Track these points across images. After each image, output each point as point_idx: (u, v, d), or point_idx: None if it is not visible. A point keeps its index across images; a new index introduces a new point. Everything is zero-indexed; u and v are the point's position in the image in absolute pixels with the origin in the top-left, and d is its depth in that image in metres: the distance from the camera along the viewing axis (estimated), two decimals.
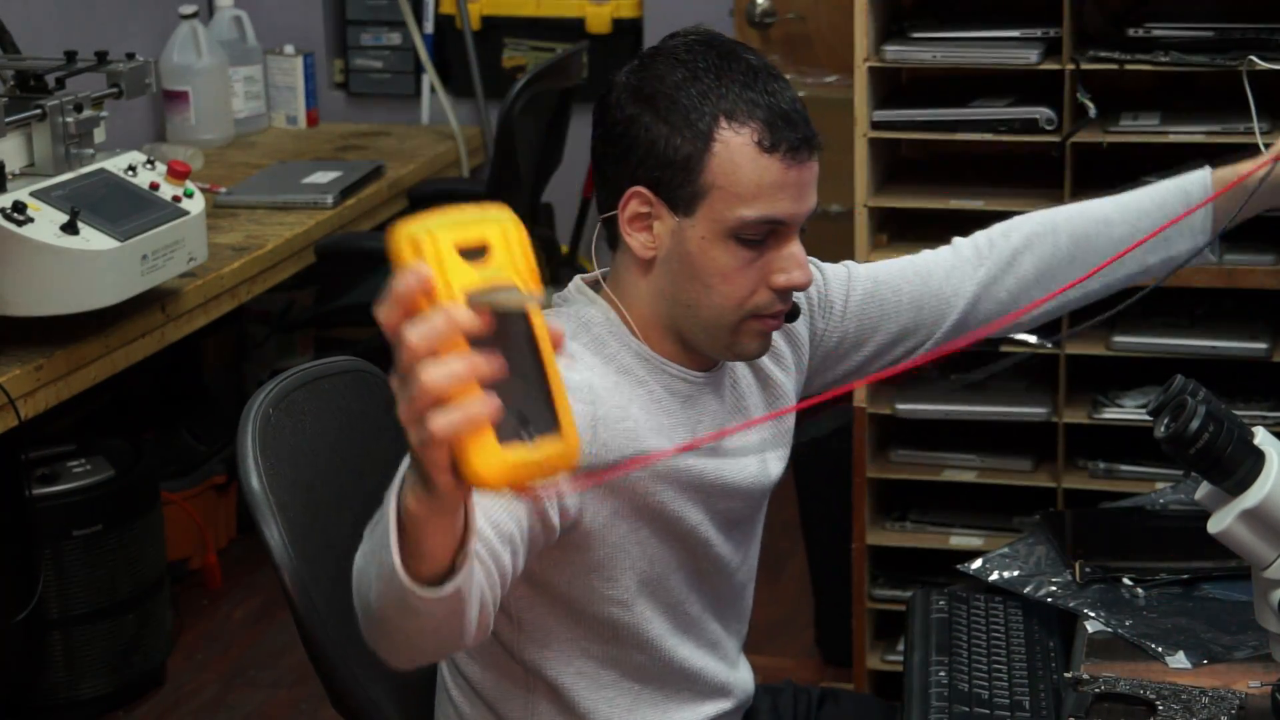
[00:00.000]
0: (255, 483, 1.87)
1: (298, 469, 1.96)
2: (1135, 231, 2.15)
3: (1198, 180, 2.18)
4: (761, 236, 1.84)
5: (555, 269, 4.22)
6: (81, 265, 2.83)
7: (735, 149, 1.81)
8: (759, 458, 2.01)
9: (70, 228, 2.82)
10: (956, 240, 2.22)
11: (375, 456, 2.10)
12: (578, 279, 1.97)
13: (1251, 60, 2.91)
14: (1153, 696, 1.94)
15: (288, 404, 1.99)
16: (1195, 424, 1.81)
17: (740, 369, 2.01)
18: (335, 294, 4.10)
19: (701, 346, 1.91)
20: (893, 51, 3.11)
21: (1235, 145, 2.98)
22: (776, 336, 1.99)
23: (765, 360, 2.02)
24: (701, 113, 1.81)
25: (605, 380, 1.86)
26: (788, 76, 4.91)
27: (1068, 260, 2.17)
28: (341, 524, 2.01)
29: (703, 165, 1.81)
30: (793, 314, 1.94)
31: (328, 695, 1.89)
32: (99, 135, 3.05)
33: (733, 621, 2.07)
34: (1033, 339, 3.12)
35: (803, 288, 1.88)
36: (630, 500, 1.87)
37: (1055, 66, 3.04)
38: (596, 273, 1.97)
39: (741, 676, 2.09)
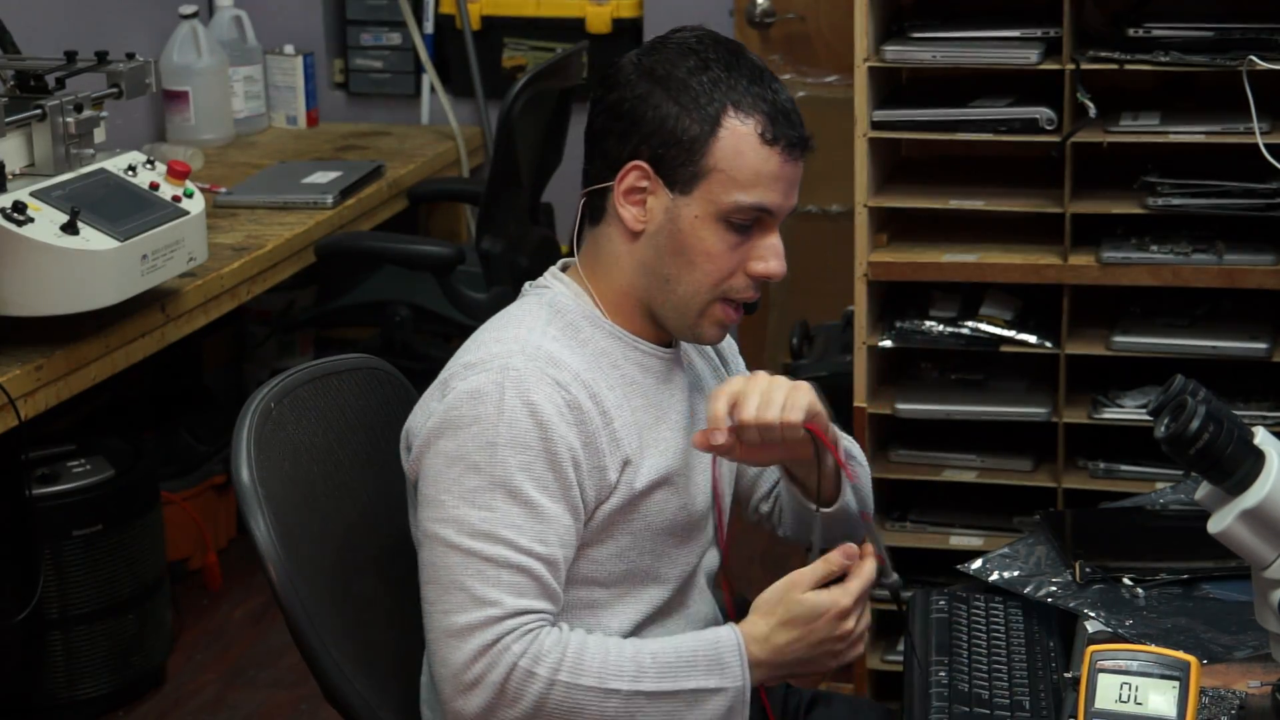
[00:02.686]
0: (245, 475, 1.88)
1: (298, 464, 1.96)
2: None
3: None
4: (749, 223, 1.94)
5: None
6: (81, 265, 2.83)
7: (740, 136, 1.91)
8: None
9: (70, 228, 2.82)
10: None
11: (380, 454, 2.10)
12: (554, 267, 2.06)
13: (1251, 60, 2.91)
14: None
15: (293, 399, 1.99)
16: (1195, 424, 1.81)
17: (691, 351, 2.10)
18: (335, 294, 4.10)
19: (667, 322, 2.00)
20: (893, 51, 3.11)
21: (1234, 145, 2.99)
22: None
23: (717, 347, 2.14)
24: (711, 98, 1.92)
25: (584, 365, 1.94)
26: (787, 77, 4.93)
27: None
28: (341, 520, 2.01)
29: (707, 147, 1.91)
30: (751, 306, 2.04)
31: (320, 688, 1.89)
32: (99, 135, 3.05)
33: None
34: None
35: (776, 278, 1.98)
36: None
37: (1055, 66, 3.04)
38: (573, 260, 2.04)
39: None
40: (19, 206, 2.79)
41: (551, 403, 1.88)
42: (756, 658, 1.91)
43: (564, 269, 2.05)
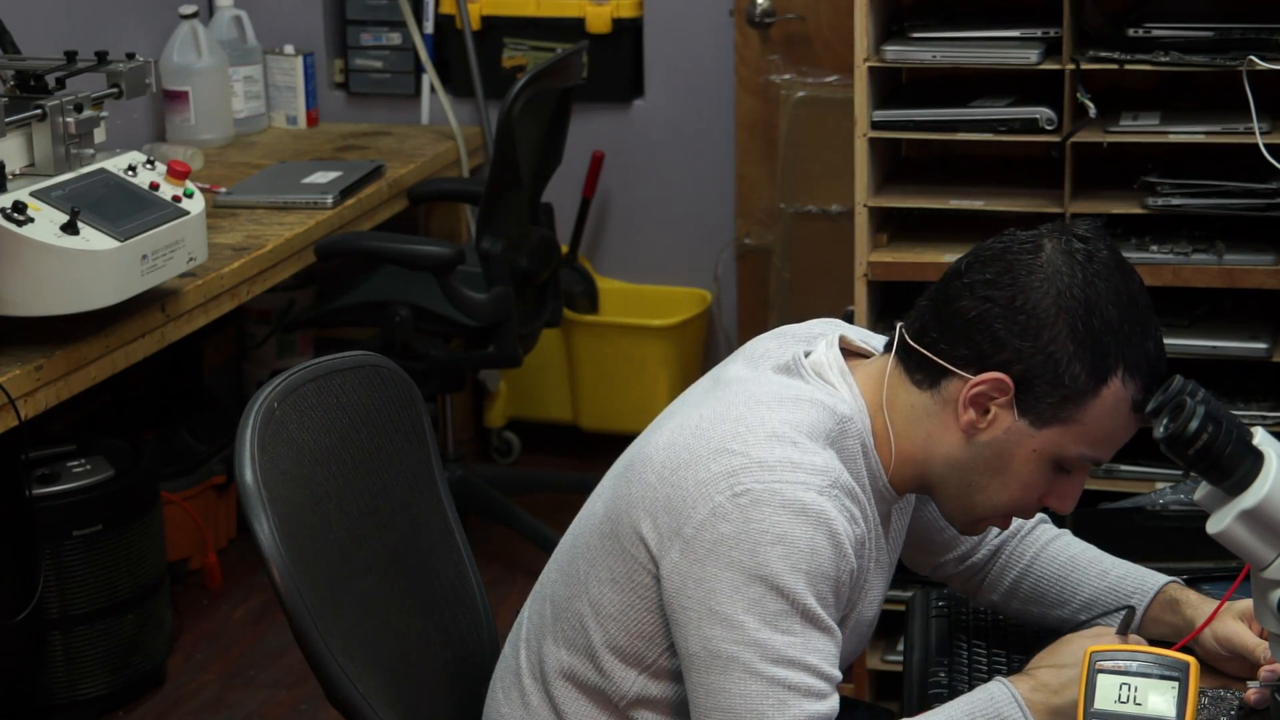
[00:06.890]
0: (248, 476, 1.86)
1: (301, 464, 1.95)
2: (1087, 601, 2.14)
3: (1150, 588, 2.12)
4: (1073, 468, 1.89)
5: (555, 269, 4.22)
6: (81, 265, 2.83)
7: (1118, 399, 1.84)
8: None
9: (70, 228, 2.82)
10: None
11: (382, 453, 2.10)
12: (839, 358, 1.96)
13: (1251, 60, 2.91)
14: None
15: (295, 398, 1.98)
16: (1194, 424, 1.81)
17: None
18: (335, 294, 4.10)
19: (943, 510, 1.94)
20: (893, 51, 3.11)
21: (1234, 145, 2.99)
22: None
23: None
24: (1108, 352, 1.82)
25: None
26: (787, 76, 4.89)
27: (1030, 597, 2.18)
28: (344, 520, 2.01)
29: (1084, 402, 1.84)
30: None
31: (322, 689, 1.88)
32: (99, 135, 3.05)
33: None
34: None
35: (1064, 515, 1.92)
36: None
37: (1055, 66, 3.04)
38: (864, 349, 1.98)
39: None
40: (19, 206, 2.79)
41: (849, 536, 1.81)
42: (1032, 703, 1.83)
43: (849, 353, 1.96)
